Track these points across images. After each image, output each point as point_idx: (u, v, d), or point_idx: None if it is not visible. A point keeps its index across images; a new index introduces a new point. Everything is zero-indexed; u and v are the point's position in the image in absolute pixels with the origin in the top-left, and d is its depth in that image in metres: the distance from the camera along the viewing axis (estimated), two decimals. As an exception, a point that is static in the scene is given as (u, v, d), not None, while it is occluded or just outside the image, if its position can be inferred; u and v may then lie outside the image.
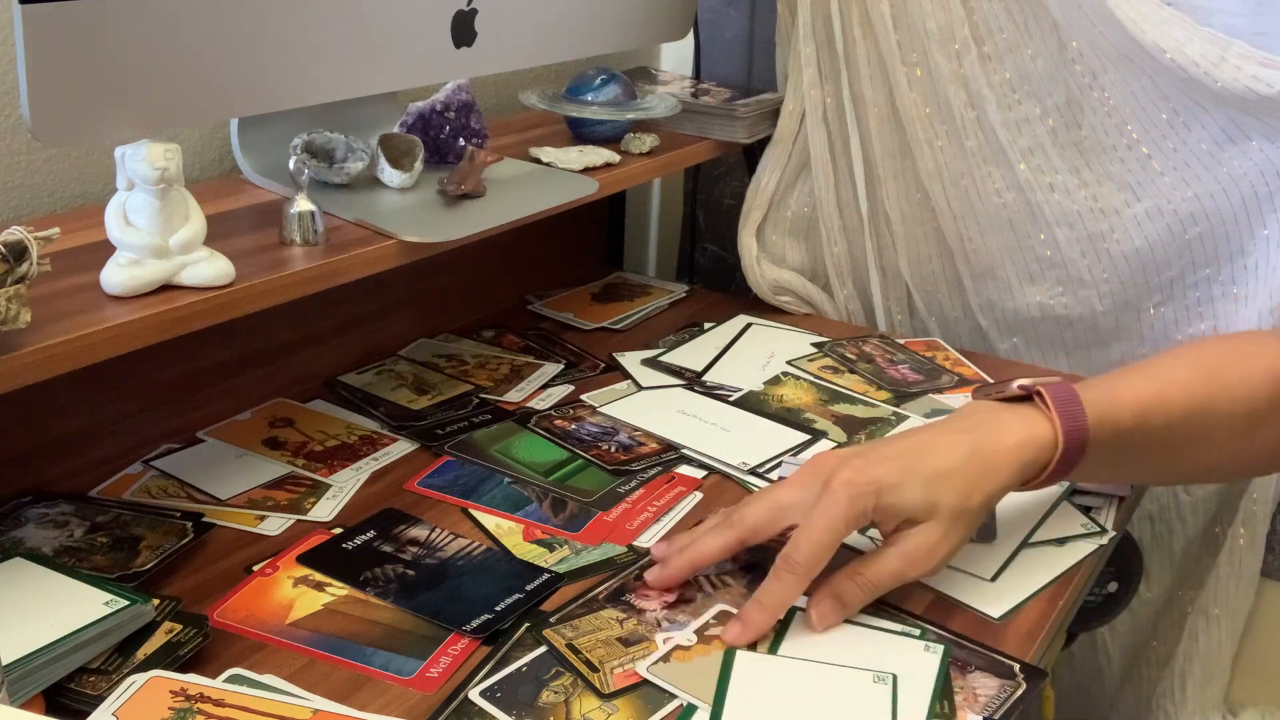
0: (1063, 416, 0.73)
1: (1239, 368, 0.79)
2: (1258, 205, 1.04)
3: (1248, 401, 0.77)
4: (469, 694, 0.65)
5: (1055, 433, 0.73)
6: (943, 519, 0.70)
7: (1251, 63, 0.95)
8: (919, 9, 1.12)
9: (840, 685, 0.66)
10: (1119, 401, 0.75)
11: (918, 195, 1.20)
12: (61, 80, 0.72)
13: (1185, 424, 0.77)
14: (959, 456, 0.71)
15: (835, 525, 0.68)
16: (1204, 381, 0.78)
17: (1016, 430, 0.73)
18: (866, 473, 0.70)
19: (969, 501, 0.70)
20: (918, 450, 0.72)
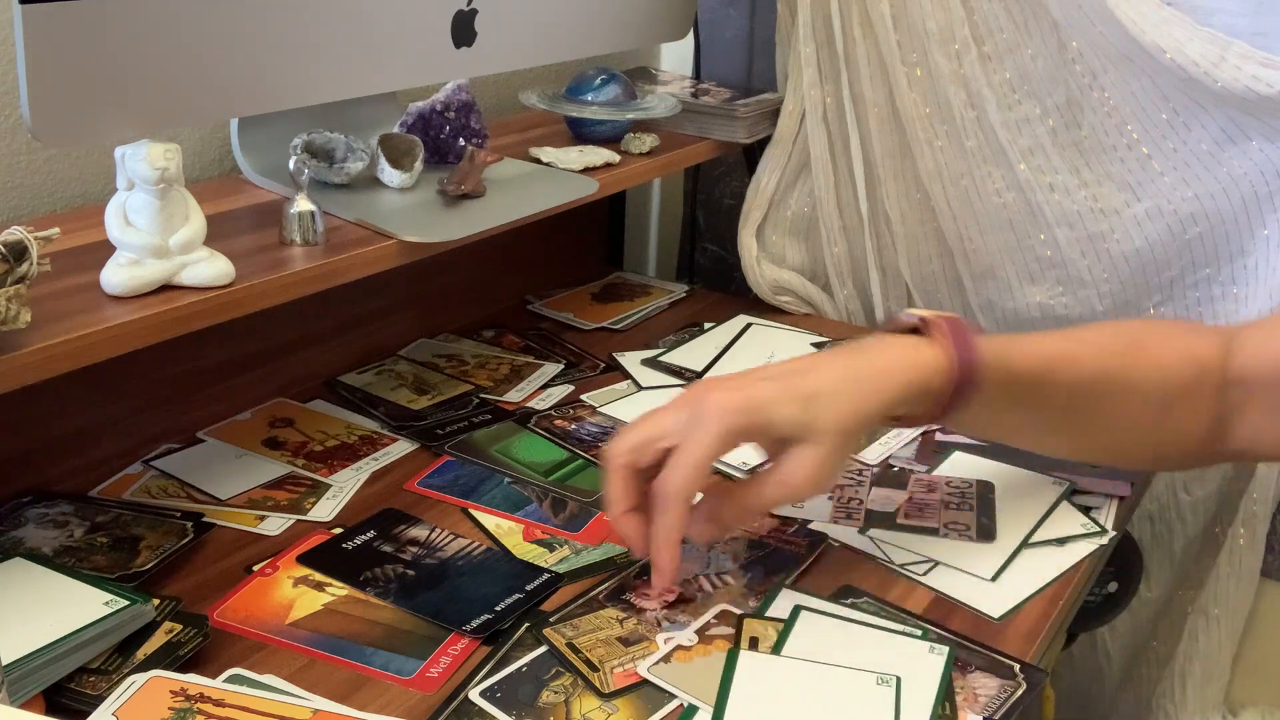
0: (956, 346, 0.71)
1: (1157, 347, 0.78)
2: (1258, 205, 1.04)
3: (1160, 382, 0.76)
4: (469, 694, 0.65)
5: (945, 361, 0.71)
6: (821, 439, 0.68)
7: (1251, 63, 0.95)
8: (919, 9, 1.12)
9: (843, 687, 0.66)
10: (1021, 349, 0.74)
11: (918, 195, 1.20)
12: (61, 80, 0.72)
13: (1091, 389, 0.75)
14: (840, 376, 0.70)
15: (708, 447, 0.67)
16: (1119, 353, 0.77)
17: (903, 354, 0.71)
18: (741, 393, 0.68)
19: (849, 420, 0.69)
20: (798, 371, 0.70)
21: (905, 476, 0.90)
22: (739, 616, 0.72)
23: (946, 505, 0.86)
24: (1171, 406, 0.77)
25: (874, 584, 0.77)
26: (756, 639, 0.70)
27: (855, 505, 0.86)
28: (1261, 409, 0.77)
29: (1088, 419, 0.78)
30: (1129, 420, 0.78)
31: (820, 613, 0.73)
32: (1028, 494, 0.88)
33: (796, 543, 0.81)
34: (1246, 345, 0.78)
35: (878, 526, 0.83)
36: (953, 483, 0.89)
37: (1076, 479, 0.89)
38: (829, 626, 0.72)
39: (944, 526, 0.83)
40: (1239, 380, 0.77)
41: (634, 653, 0.68)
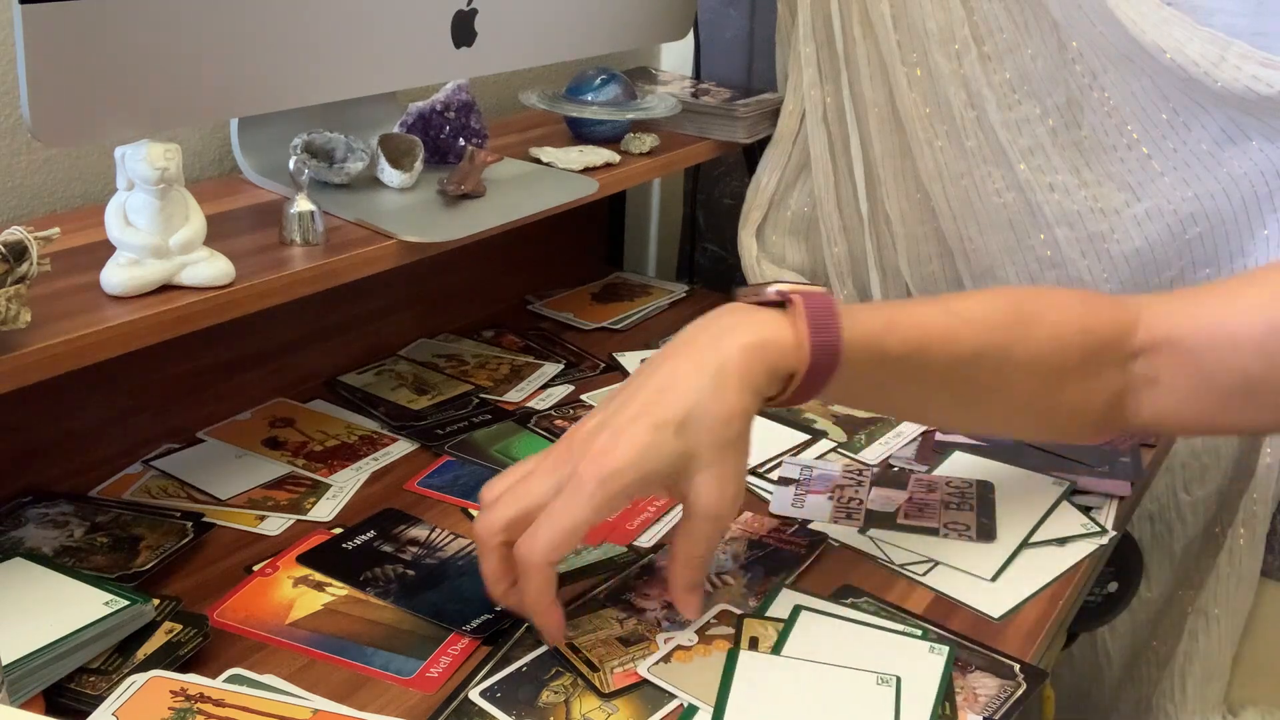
0: (813, 327, 0.67)
1: (1051, 319, 0.74)
2: (1258, 205, 1.04)
3: (1053, 354, 0.73)
4: (469, 694, 0.65)
5: (801, 341, 0.67)
6: (710, 460, 0.65)
7: (1251, 63, 0.95)
8: (919, 9, 1.12)
9: (843, 687, 0.66)
10: (893, 326, 0.71)
11: (918, 195, 1.20)
12: (61, 80, 0.72)
13: (971, 365, 0.72)
14: (701, 383, 0.65)
15: (581, 521, 0.63)
16: (1004, 327, 0.73)
17: (761, 336, 0.67)
18: (614, 455, 0.64)
19: (727, 430, 0.65)
20: (661, 393, 0.66)
21: (905, 476, 0.90)
22: (739, 616, 0.72)
23: (946, 505, 0.86)
24: (1065, 380, 0.74)
25: (874, 584, 0.77)
26: (756, 639, 0.70)
27: (855, 505, 0.86)
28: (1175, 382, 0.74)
29: (970, 394, 0.74)
30: (1016, 394, 0.74)
31: (820, 613, 0.73)
32: (1028, 494, 0.88)
33: (797, 543, 0.81)
34: (1164, 315, 0.75)
35: (878, 526, 0.83)
36: (953, 483, 0.89)
37: (1076, 479, 0.89)
38: (829, 626, 0.72)
39: (944, 526, 0.83)
40: (1151, 351, 0.74)
41: (634, 653, 0.68)
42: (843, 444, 0.96)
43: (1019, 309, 0.75)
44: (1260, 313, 0.72)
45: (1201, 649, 1.17)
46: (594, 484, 0.63)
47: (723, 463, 0.66)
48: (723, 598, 0.74)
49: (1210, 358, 0.73)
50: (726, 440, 0.66)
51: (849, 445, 0.95)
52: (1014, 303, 0.75)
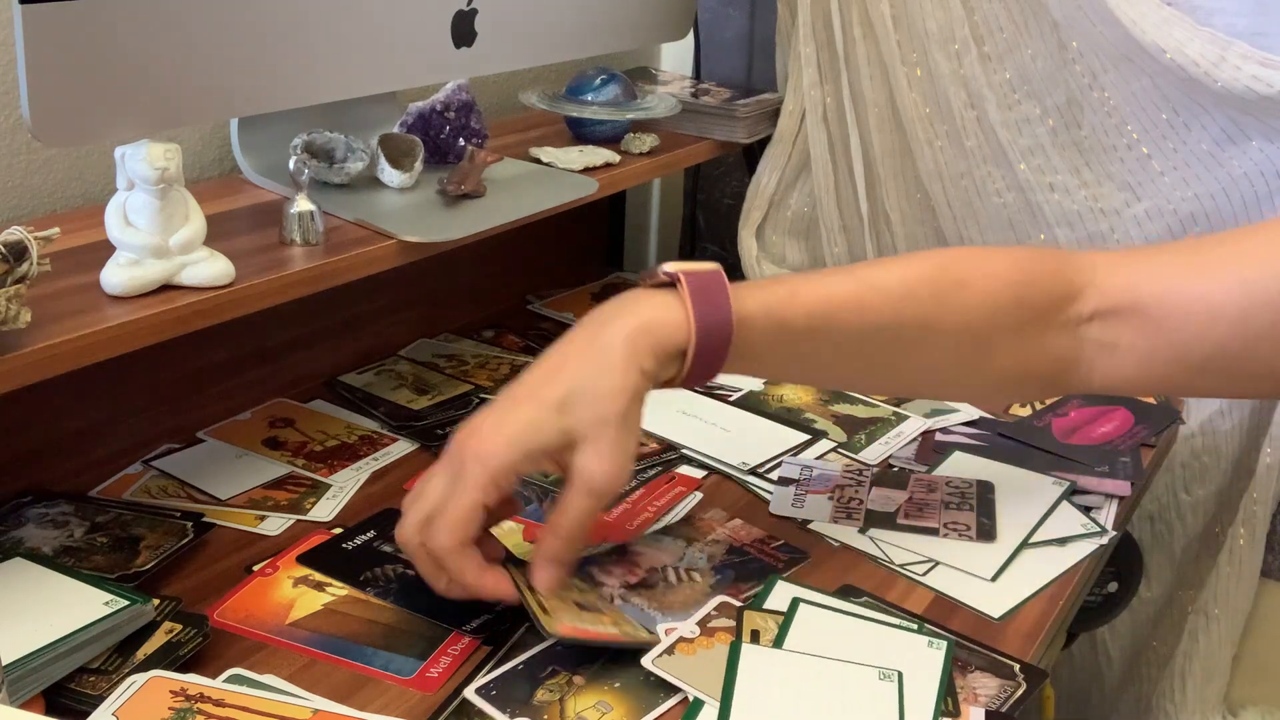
0: (697, 304, 0.67)
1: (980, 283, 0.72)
2: (1258, 205, 1.04)
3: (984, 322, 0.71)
4: (465, 693, 0.65)
5: (688, 318, 0.67)
6: (591, 435, 0.66)
7: (1251, 63, 0.95)
8: (919, 9, 1.12)
9: (848, 681, 0.66)
10: (794, 297, 0.70)
11: (918, 195, 1.20)
12: (61, 80, 0.72)
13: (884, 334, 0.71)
14: (588, 365, 0.67)
15: (472, 501, 0.66)
16: (923, 298, 0.71)
17: (651, 316, 0.68)
18: (497, 435, 0.66)
19: (610, 405, 0.66)
20: (547, 376, 0.68)
21: (905, 476, 0.90)
22: (739, 609, 0.72)
23: (946, 505, 0.86)
24: (997, 345, 0.72)
25: (874, 584, 0.77)
26: (757, 631, 0.70)
27: (855, 505, 0.86)
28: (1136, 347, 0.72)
29: (888, 361, 0.73)
30: (940, 361, 0.73)
31: (817, 605, 0.73)
32: (1028, 494, 0.88)
33: (776, 556, 0.80)
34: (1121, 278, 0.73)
35: (878, 526, 0.83)
36: (953, 483, 0.89)
37: (1076, 479, 0.89)
38: (826, 619, 0.72)
39: (944, 526, 0.83)
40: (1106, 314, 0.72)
41: (584, 618, 0.69)
42: (843, 444, 0.96)
43: (943, 274, 0.73)
44: (1241, 286, 0.70)
45: (1201, 649, 1.17)
46: (477, 466, 0.66)
47: (602, 438, 0.66)
48: (684, 591, 0.74)
49: (1183, 330, 0.71)
50: (608, 417, 0.66)
51: (849, 445, 0.95)
52: (938, 267, 0.73)
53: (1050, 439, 0.95)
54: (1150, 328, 0.72)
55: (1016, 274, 0.73)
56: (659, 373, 0.69)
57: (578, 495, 0.68)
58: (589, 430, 0.66)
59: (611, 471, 0.67)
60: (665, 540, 0.80)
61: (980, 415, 1.00)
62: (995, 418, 1.00)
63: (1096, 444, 0.95)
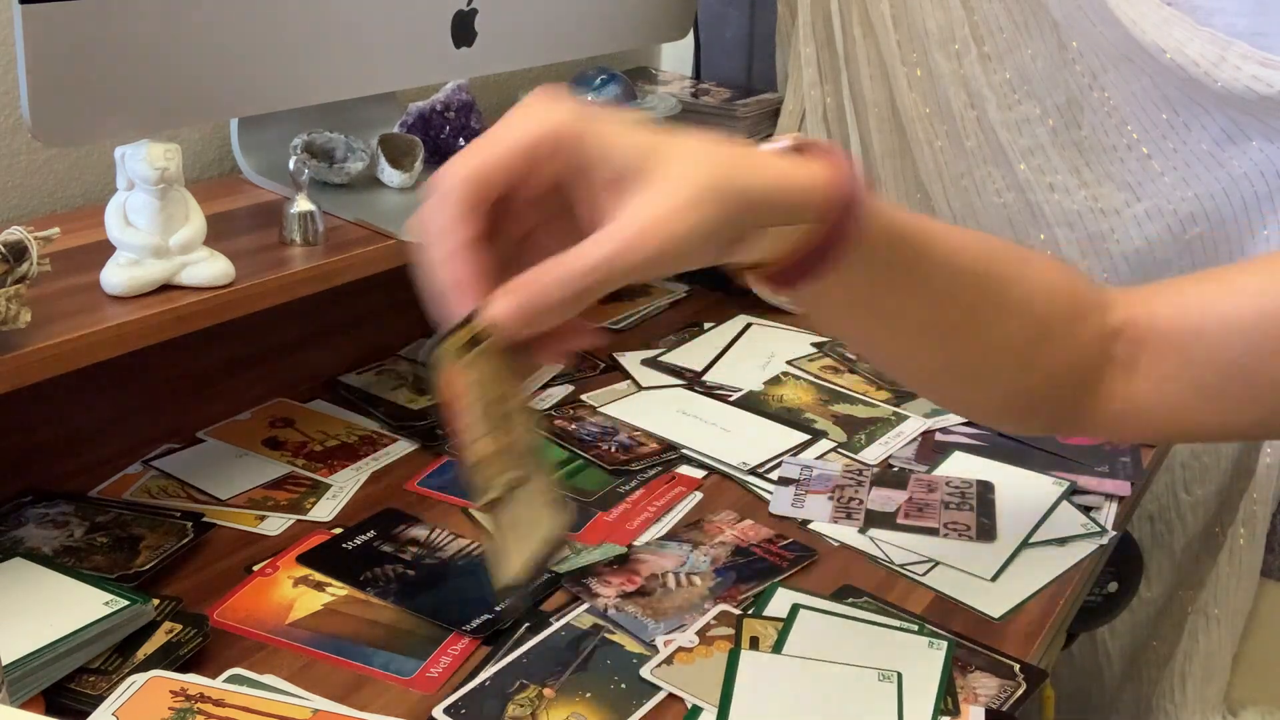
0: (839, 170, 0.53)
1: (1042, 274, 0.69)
2: (1258, 205, 1.04)
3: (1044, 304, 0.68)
4: (433, 712, 0.64)
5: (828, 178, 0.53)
6: (671, 180, 0.48)
7: (1251, 63, 0.95)
8: (919, 9, 1.12)
9: (846, 684, 0.66)
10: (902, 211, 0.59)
11: (918, 195, 1.20)
12: (61, 80, 0.72)
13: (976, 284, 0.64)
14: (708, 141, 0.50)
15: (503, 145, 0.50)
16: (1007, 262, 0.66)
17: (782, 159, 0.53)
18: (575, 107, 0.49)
19: (711, 173, 0.49)
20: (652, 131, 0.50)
21: (905, 476, 0.90)
22: (738, 617, 0.72)
23: (946, 505, 0.86)
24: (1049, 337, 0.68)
25: (874, 584, 0.77)
26: (757, 638, 0.70)
27: (855, 505, 0.86)
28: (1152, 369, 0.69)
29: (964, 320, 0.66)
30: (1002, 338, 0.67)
31: (818, 610, 0.73)
32: (1028, 494, 0.88)
33: (783, 556, 0.80)
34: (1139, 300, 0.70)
35: (878, 526, 0.83)
36: (953, 483, 0.89)
37: (1076, 479, 0.89)
38: (827, 624, 0.72)
39: (944, 526, 0.83)
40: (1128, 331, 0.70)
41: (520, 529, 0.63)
42: (843, 444, 0.96)
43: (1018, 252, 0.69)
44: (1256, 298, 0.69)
45: (1201, 649, 1.17)
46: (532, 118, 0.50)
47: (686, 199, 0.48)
48: (681, 596, 0.74)
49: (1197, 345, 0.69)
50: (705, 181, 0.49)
51: (849, 445, 0.95)
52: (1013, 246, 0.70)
53: (1050, 439, 0.95)
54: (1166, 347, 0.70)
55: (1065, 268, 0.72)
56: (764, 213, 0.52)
57: (603, 238, 0.48)
58: (669, 170, 0.48)
59: (662, 236, 0.48)
60: (670, 545, 0.80)
61: (980, 415, 1.00)
62: (995, 418, 1.00)
63: (1096, 444, 0.95)
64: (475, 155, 0.51)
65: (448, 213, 0.51)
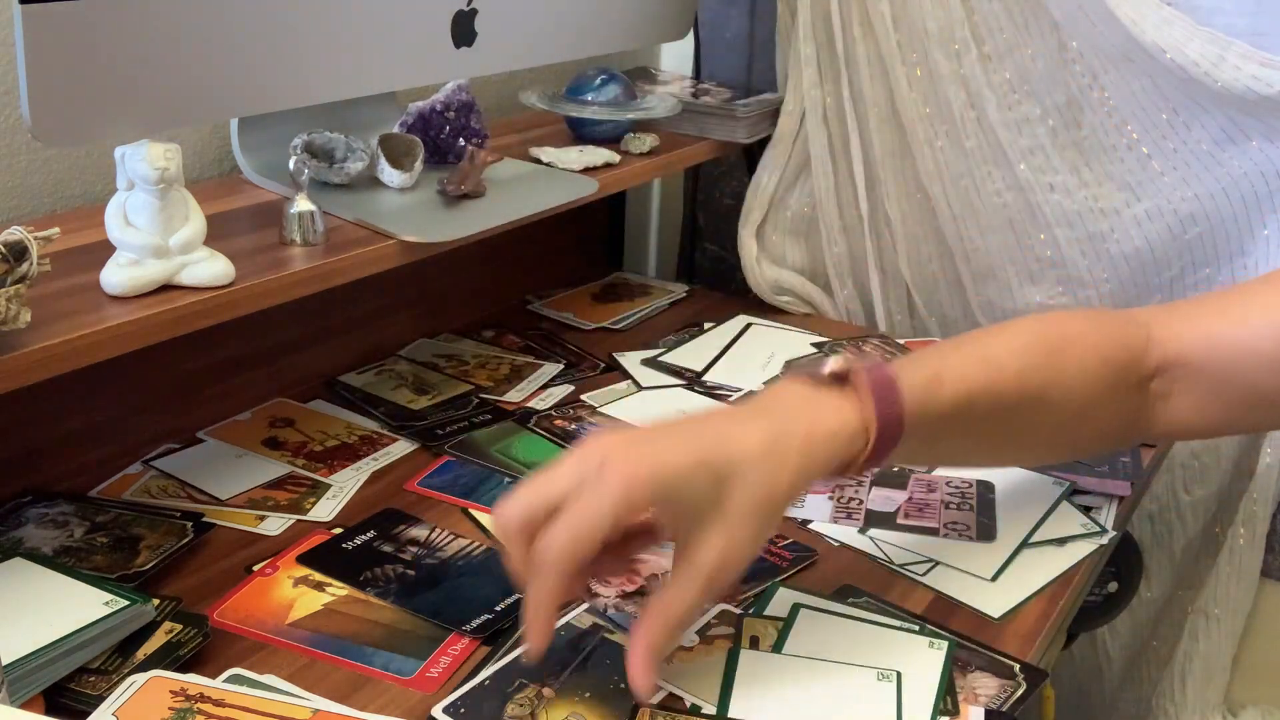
0: (879, 405, 0.66)
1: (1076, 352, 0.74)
2: (1258, 205, 1.04)
3: (1082, 388, 0.74)
4: (432, 712, 0.64)
5: (869, 423, 0.65)
6: (731, 522, 0.61)
7: (1251, 63, 0.95)
8: (919, 9, 1.12)
9: (845, 683, 0.66)
10: (942, 386, 0.69)
11: (918, 195, 1.20)
12: (61, 80, 0.72)
13: (1014, 412, 0.72)
14: (763, 446, 0.62)
15: (601, 517, 0.58)
16: (1040, 368, 0.73)
17: (826, 420, 0.65)
18: (649, 460, 0.60)
19: (765, 503, 0.62)
20: (711, 438, 0.62)
21: (905, 476, 0.90)
22: (738, 616, 0.72)
23: (946, 505, 0.86)
24: (1093, 410, 0.75)
25: (874, 584, 0.77)
26: (757, 638, 0.70)
27: (855, 505, 0.86)
28: (1190, 395, 0.76)
29: (1006, 439, 0.75)
30: (1048, 431, 0.75)
31: (819, 610, 0.73)
32: (1028, 494, 0.88)
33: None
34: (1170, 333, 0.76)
35: (878, 526, 0.83)
36: (953, 483, 0.89)
37: (1076, 479, 0.89)
38: (828, 624, 0.72)
39: (944, 526, 0.83)
40: (1162, 369, 0.75)
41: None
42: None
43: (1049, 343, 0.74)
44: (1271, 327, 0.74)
45: (1201, 649, 1.17)
46: (619, 481, 0.59)
47: (743, 528, 0.61)
48: None
49: (1225, 374, 0.75)
50: (758, 512, 0.62)
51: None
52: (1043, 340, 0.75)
53: (1050, 439, 0.95)
54: (1196, 376, 0.76)
55: (1096, 337, 0.76)
56: (815, 480, 0.66)
57: (696, 580, 0.61)
58: (730, 516, 0.61)
59: (736, 563, 0.62)
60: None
61: (980, 415, 1.00)
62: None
63: (1099, 447, 0.95)
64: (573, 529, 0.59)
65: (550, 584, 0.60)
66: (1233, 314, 0.77)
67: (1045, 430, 0.75)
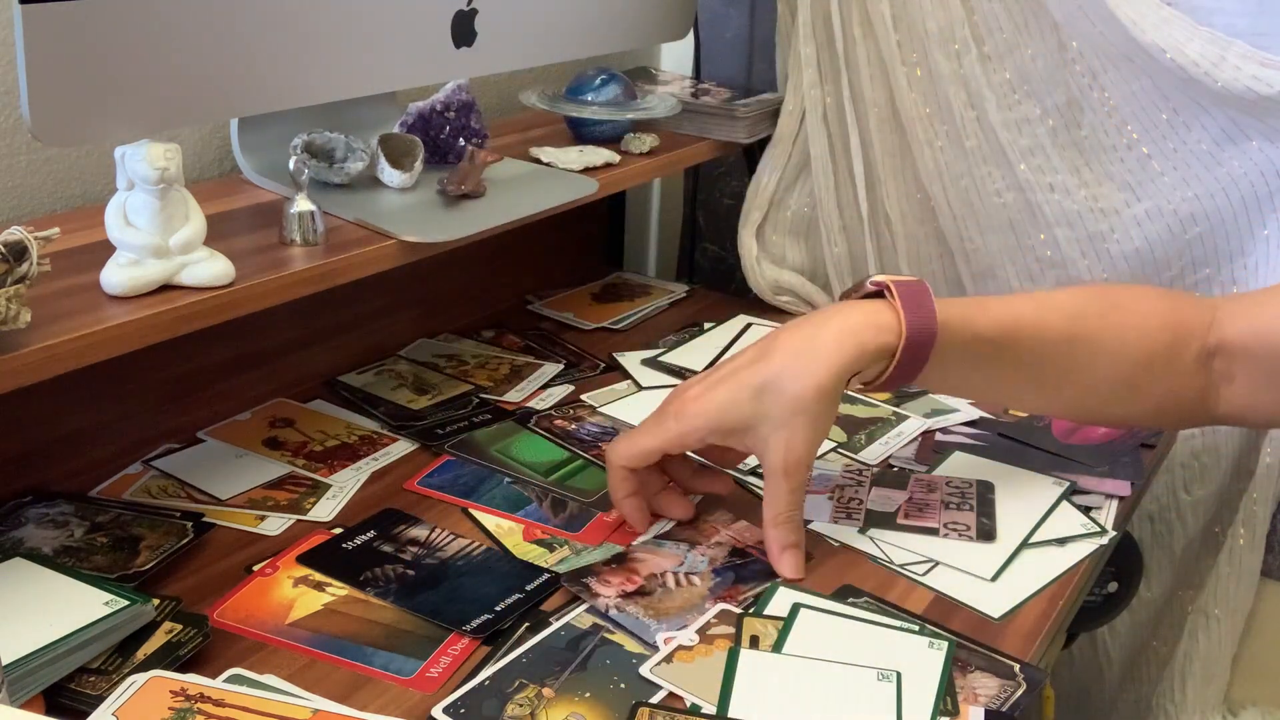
0: (907, 308, 0.74)
1: (1133, 311, 0.80)
2: (1258, 205, 1.04)
3: (1137, 343, 0.78)
4: (432, 712, 0.64)
5: (899, 323, 0.74)
6: (777, 424, 0.73)
7: (1251, 63, 0.95)
8: (919, 9, 1.12)
9: (845, 683, 0.66)
10: (984, 310, 0.77)
11: (918, 195, 1.20)
12: (61, 80, 0.72)
13: (1058, 351, 0.78)
14: (792, 354, 0.74)
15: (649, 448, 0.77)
16: (1097, 315, 0.79)
17: (862, 318, 0.75)
18: (697, 403, 0.75)
19: (800, 400, 0.73)
20: (755, 360, 0.75)
21: (905, 476, 0.90)
22: (739, 616, 0.72)
23: (946, 505, 0.86)
24: (1151, 369, 0.79)
25: (874, 584, 0.77)
26: (757, 637, 0.70)
27: (855, 505, 0.86)
28: (1249, 380, 0.79)
29: (1058, 378, 0.80)
30: (1101, 379, 0.80)
31: (819, 610, 0.73)
32: (1028, 494, 0.88)
33: None
34: (1231, 317, 0.80)
35: (878, 526, 0.83)
36: (953, 483, 0.89)
37: (1076, 479, 0.89)
38: (828, 624, 0.72)
39: (944, 526, 0.83)
40: (1224, 351, 0.79)
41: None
42: (843, 444, 0.96)
43: (1106, 300, 0.81)
44: None
45: (1201, 649, 1.17)
46: (671, 419, 0.76)
47: (791, 426, 0.73)
48: (680, 596, 0.74)
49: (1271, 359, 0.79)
50: (799, 408, 0.73)
51: (849, 445, 0.96)
52: (1101, 294, 0.82)
53: (1050, 439, 0.95)
54: (1253, 361, 0.79)
55: (1158, 304, 0.82)
56: (863, 370, 0.75)
57: (774, 480, 0.75)
58: (779, 417, 0.73)
59: (794, 458, 0.74)
60: (667, 545, 0.80)
61: (980, 415, 1.00)
62: (995, 418, 1.00)
63: (1096, 444, 0.95)
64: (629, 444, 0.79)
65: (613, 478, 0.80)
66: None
67: (1098, 379, 0.79)
